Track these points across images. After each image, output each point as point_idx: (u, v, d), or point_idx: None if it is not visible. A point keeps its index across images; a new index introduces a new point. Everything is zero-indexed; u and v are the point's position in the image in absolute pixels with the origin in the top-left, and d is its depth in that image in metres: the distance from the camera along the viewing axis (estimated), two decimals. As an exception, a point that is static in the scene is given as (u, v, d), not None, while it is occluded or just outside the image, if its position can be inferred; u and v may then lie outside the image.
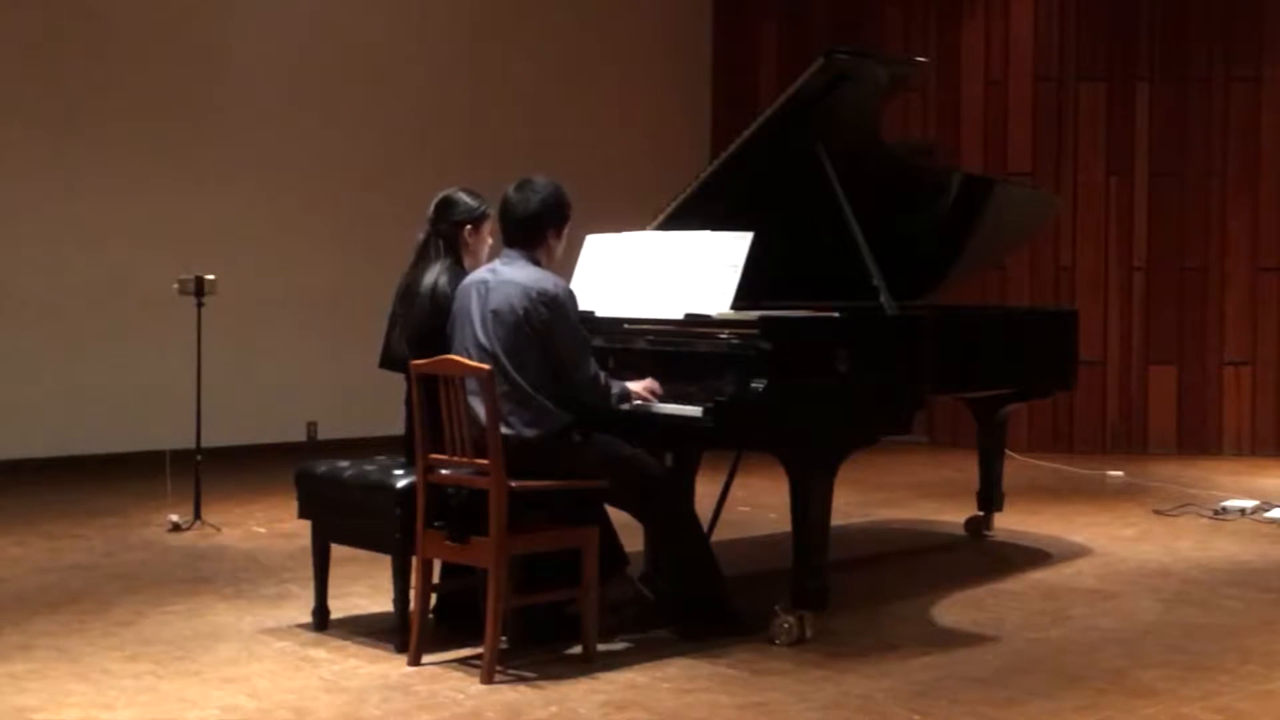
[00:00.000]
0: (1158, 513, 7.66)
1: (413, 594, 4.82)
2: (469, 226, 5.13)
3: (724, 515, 6.09)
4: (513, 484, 4.57)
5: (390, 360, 5.13)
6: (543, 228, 4.96)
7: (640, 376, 5.08)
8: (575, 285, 5.39)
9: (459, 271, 5.06)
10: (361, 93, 10.15)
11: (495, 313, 4.80)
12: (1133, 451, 10.09)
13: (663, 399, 5.01)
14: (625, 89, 11.34)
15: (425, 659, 4.76)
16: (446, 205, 5.15)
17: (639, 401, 4.99)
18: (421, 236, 5.17)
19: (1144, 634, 5.21)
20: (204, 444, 7.29)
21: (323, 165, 9.97)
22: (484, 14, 10.71)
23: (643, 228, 5.77)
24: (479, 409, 4.66)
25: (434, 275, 5.03)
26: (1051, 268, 10.31)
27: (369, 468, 5.11)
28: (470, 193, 5.17)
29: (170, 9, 9.46)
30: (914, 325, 5.50)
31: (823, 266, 5.89)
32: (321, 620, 5.21)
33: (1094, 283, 10.29)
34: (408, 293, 5.09)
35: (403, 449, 5.06)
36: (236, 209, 9.61)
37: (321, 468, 5.25)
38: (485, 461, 4.56)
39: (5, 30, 8.89)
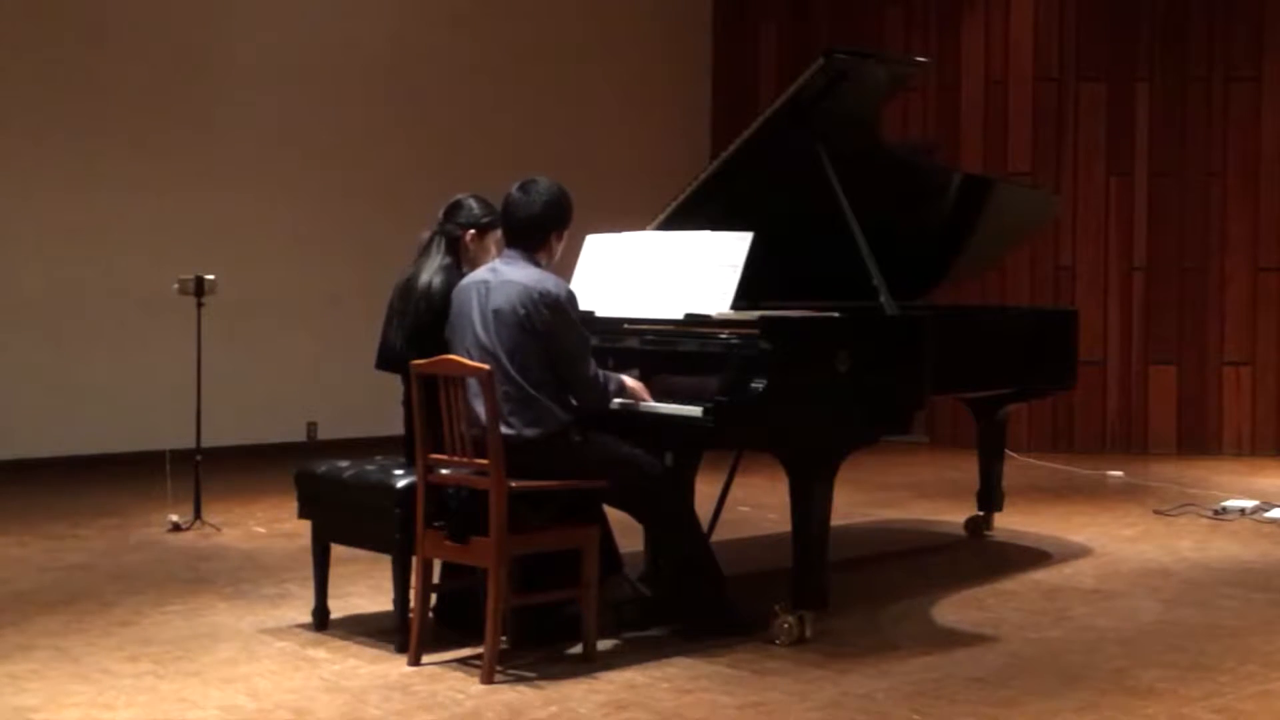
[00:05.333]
0: (1158, 513, 7.66)
1: (413, 594, 4.82)
2: (472, 232, 5.15)
3: (724, 515, 6.09)
4: (513, 484, 4.57)
5: (386, 358, 5.12)
6: (546, 230, 4.95)
7: (640, 377, 5.08)
8: (575, 285, 5.38)
9: (455, 273, 5.07)
10: (360, 95, 10.15)
11: (497, 312, 4.79)
12: (1133, 451, 10.09)
13: (663, 399, 5.01)
14: (625, 89, 11.34)
15: (425, 659, 4.76)
16: (455, 208, 5.20)
17: (629, 400, 4.99)
18: (426, 235, 5.20)
19: (1144, 634, 5.21)
20: (204, 444, 7.28)
21: (323, 166, 9.97)
22: (482, 16, 10.70)
23: (643, 228, 5.77)
24: (479, 409, 4.66)
25: (429, 274, 5.06)
26: (1051, 268, 10.31)
27: (369, 468, 5.11)
28: (481, 201, 5.20)
29: (170, 12, 9.46)
30: (914, 325, 5.50)
31: (823, 266, 5.89)
32: (321, 620, 5.21)
33: (1094, 283, 10.29)
34: (406, 288, 5.11)
35: (403, 449, 5.06)
36: (237, 209, 9.61)
37: (321, 468, 5.25)
38: (485, 462, 4.56)
39: (5, 34, 8.89)
